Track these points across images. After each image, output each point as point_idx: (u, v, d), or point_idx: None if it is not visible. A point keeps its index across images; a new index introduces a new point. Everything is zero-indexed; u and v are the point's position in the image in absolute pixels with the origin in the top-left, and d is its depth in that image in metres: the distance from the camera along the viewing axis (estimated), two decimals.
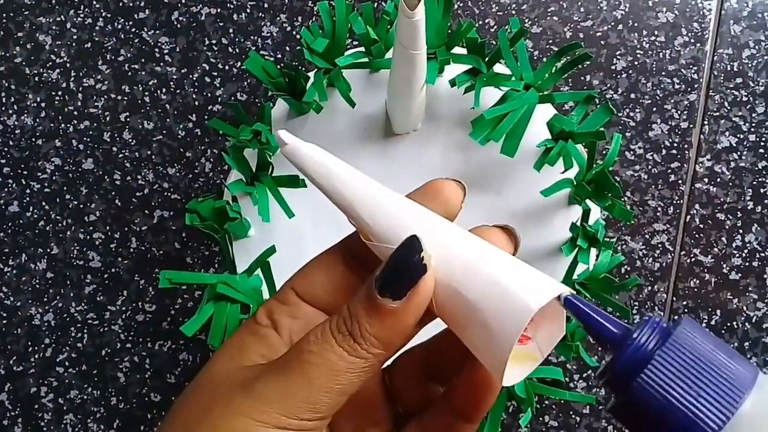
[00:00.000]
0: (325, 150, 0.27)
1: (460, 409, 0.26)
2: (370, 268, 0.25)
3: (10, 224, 0.52)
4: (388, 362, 0.26)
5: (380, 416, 0.27)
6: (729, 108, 0.52)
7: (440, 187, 0.26)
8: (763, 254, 0.51)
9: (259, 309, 0.26)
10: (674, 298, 0.51)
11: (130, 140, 0.53)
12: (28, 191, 0.52)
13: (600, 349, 0.23)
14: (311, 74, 0.49)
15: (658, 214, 0.51)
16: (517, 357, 0.23)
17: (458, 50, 0.49)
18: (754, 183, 0.51)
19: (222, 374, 0.24)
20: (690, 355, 0.21)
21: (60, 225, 0.52)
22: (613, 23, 0.53)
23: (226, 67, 0.53)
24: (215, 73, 0.53)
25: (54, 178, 0.52)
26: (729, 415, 0.20)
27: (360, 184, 0.26)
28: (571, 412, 0.50)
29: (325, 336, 0.23)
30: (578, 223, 0.46)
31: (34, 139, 0.53)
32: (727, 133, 0.52)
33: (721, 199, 0.51)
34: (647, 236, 0.51)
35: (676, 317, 0.51)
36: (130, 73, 0.53)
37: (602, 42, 0.53)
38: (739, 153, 0.52)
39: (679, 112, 0.52)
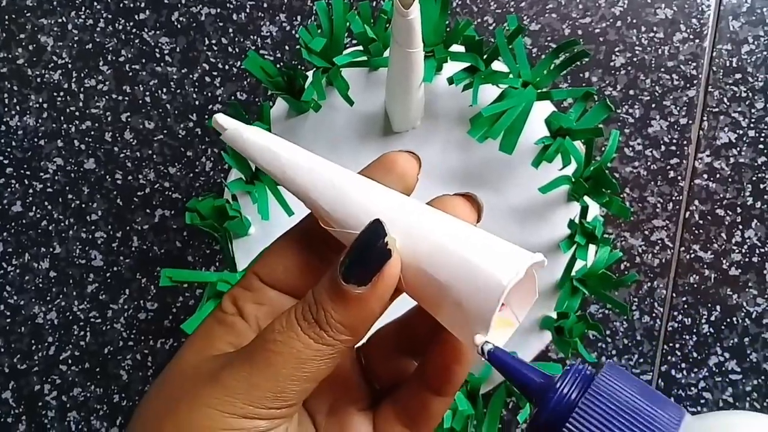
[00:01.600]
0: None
1: (433, 383, 0.26)
2: (333, 248, 0.24)
3: (13, 224, 0.53)
4: (363, 340, 0.25)
5: (357, 394, 0.27)
6: (728, 104, 0.52)
7: (394, 160, 0.25)
8: (762, 250, 0.51)
9: (224, 297, 0.26)
10: (674, 294, 0.51)
11: (132, 140, 0.53)
12: (30, 191, 0.53)
13: (526, 397, 0.23)
14: (310, 73, 0.50)
15: (657, 210, 0.51)
16: (493, 326, 0.23)
17: (456, 48, 0.49)
18: (754, 179, 0.51)
19: (190, 365, 0.24)
20: (611, 402, 0.21)
21: (62, 224, 0.53)
22: (611, 20, 0.53)
23: (226, 67, 0.53)
24: (215, 73, 0.53)
25: (56, 178, 0.53)
26: None
27: (311, 166, 0.24)
28: None
29: (290, 324, 0.22)
30: (576, 220, 0.46)
31: (36, 140, 0.53)
32: (726, 129, 0.52)
33: (721, 195, 0.51)
34: (647, 232, 0.51)
35: (674, 311, 0.51)
36: (130, 74, 0.53)
37: (601, 39, 0.53)
38: (738, 149, 0.52)
39: (678, 108, 0.52)
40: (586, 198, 0.47)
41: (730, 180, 0.51)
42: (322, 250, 0.25)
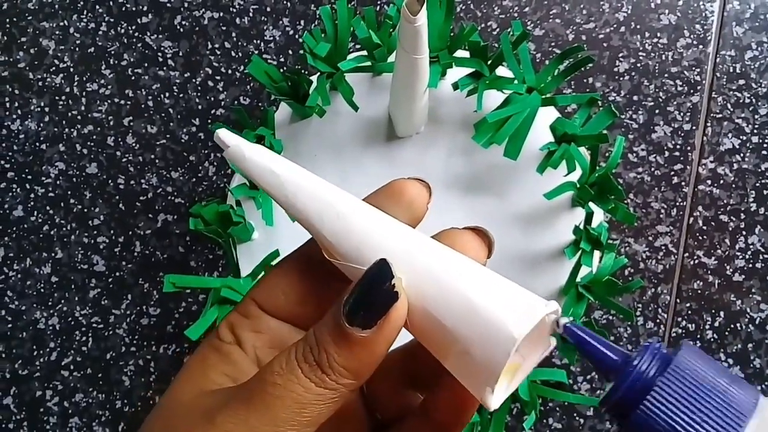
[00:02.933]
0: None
1: (439, 421, 0.25)
2: (336, 275, 0.23)
3: (14, 229, 0.52)
4: None
5: (358, 425, 0.26)
6: (732, 110, 0.52)
7: (402, 188, 0.24)
8: (766, 256, 0.51)
9: (221, 324, 0.24)
10: (678, 300, 0.51)
11: (134, 144, 0.53)
12: (32, 196, 0.53)
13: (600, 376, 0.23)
14: (314, 78, 0.49)
15: (661, 216, 0.51)
16: (503, 372, 0.22)
17: (461, 53, 0.49)
18: (757, 185, 0.51)
19: (184, 401, 0.23)
20: (691, 381, 0.21)
21: (64, 229, 0.52)
22: (615, 25, 0.53)
23: (229, 71, 0.53)
24: (218, 77, 0.53)
25: (58, 182, 0.53)
26: None
27: (316, 193, 0.23)
28: (575, 414, 0.50)
29: (290, 366, 0.21)
30: (581, 226, 0.46)
31: (38, 144, 0.53)
32: (729, 135, 0.52)
33: (724, 201, 0.51)
34: (650, 238, 0.51)
35: (678, 317, 0.51)
36: (133, 78, 0.53)
37: (605, 44, 0.53)
38: (741, 155, 0.52)
39: (681, 114, 0.52)
40: (591, 204, 0.47)
41: (733, 186, 0.51)
42: (324, 276, 0.24)
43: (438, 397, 0.25)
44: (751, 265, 0.51)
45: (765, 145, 0.52)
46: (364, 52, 0.48)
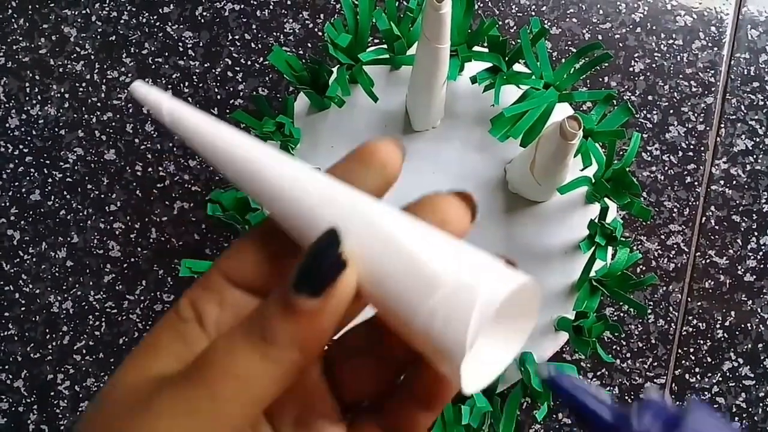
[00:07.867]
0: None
1: (420, 397, 0.23)
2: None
3: (31, 212, 0.53)
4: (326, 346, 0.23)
5: (325, 405, 0.24)
6: (745, 111, 0.52)
7: (373, 151, 0.22)
8: None
9: (181, 298, 0.22)
10: (689, 299, 0.51)
11: (152, 132, 0.53)
12: (50, 180, 0.53)
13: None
14: (334, 70, 0.50)
15: (673, 215, 0.52)
16: (481, 354, 0.20)
17: (478, 49, 0.50)
18: None
19: (124, 389, 0.21)
20: None
21: (81, 214, 0.53)
22: (631, 26, 0.53)
23: (249, 62, 0.53)
24: (237, 68, 0.53)
25: (76, 167, 0.53)
26: None
27: (258, 166, 0.21)
28: None
29: (232, 341, 0.20)
30: (596, 221, 0.47)
31: (57, 129, 0.53)
32: (743, 136, 0.52)
33: (737, 202, 0.52)
34: (663, 237, 0.52)
35: (689, 316, 0.51)
36: (153, 66, 0.54)
37: (620, 44, 0.53)
38: (755, 156, 0.52)
39: (695, 114, 0.52)
40: (606, 199, 0.47)
41: (746, 187, 0.52)
42: (293, 245, 0.22)
43: (417, 372, 0.23)
44: (762, 266, 0.51)
45: None
46: (383, 46, 0.49)
